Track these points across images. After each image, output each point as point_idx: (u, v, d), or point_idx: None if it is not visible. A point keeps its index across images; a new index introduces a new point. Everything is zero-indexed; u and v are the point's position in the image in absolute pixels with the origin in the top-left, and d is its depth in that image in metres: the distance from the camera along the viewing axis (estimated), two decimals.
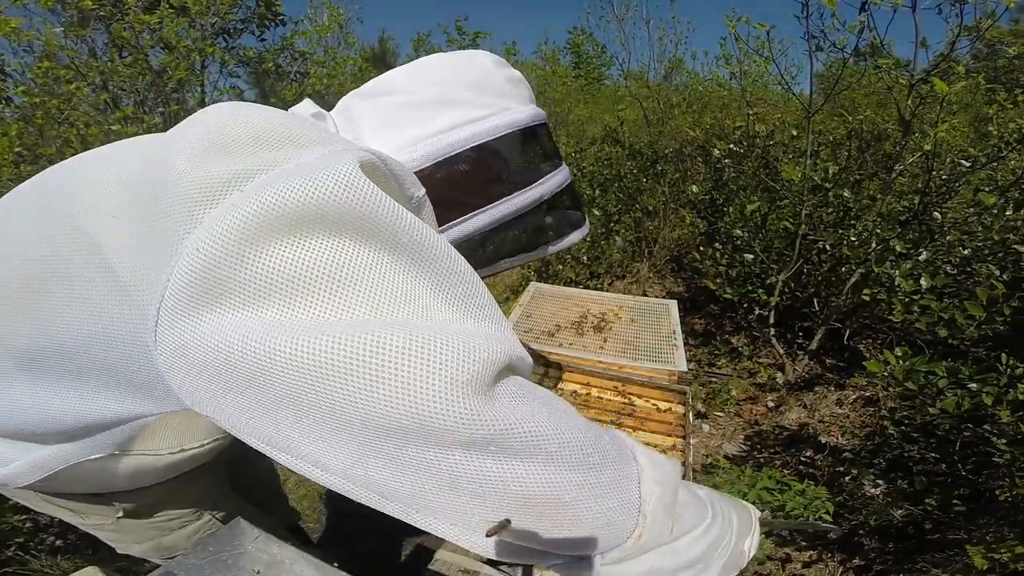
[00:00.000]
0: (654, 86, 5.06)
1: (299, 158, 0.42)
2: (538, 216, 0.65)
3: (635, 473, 0.46)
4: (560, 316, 1.79)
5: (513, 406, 0.40)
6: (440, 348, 0.37)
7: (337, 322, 0.38)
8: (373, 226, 0.39)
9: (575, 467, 0.41)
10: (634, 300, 1.94)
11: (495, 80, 0.63)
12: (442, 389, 0.36)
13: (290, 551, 0.96)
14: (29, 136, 2.16)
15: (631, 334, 1.70)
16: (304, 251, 0.37)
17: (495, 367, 0.40)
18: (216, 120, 0.44)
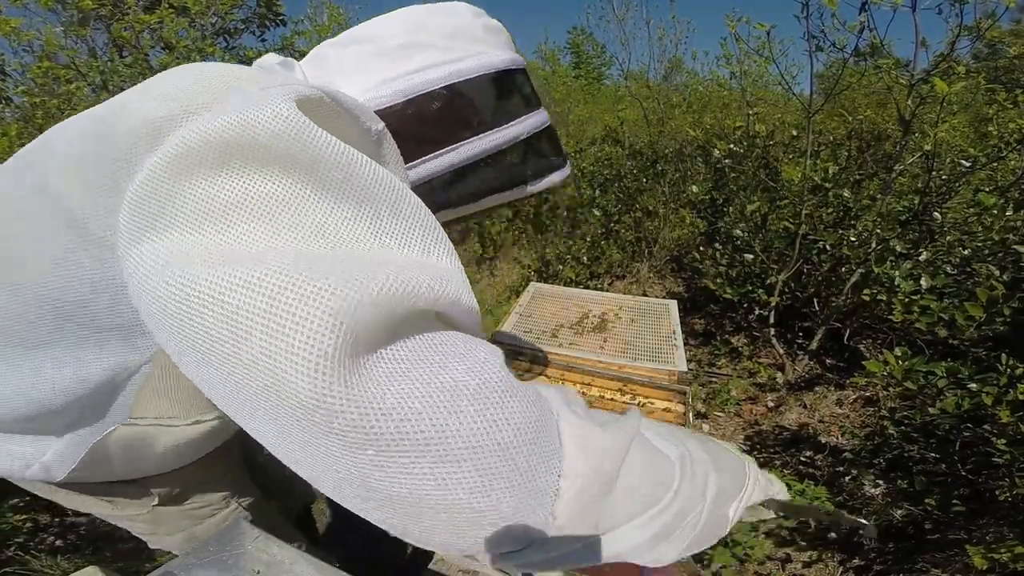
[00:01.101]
0: (654, 86, 5.06)
1: (239, 97, 0.42)
2: (513, 156, 0.65)
3: (554, 463, 0.38)
4: (560, 316, 1.79)
5: (390, 383, 0.33)
6: (317, 292, 0.32)
7: (225, 253, 0.35)
8: (296, 157, 0.38)
9: (453, 461, 0.34)
10: (634, 300, 1.94)
11: (473, 28, 0.63)
12: (299, 353, 0.31)
13: (290, 551, 0.96)
14: (29, 136, 2.16)
15: (631, 334, 1.70)
16: (224, 181, 0.37)
17: (397, 308, 0.35)
18: (172, 75, 0.47)
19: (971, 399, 1.41)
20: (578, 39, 11.79)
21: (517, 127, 0.64)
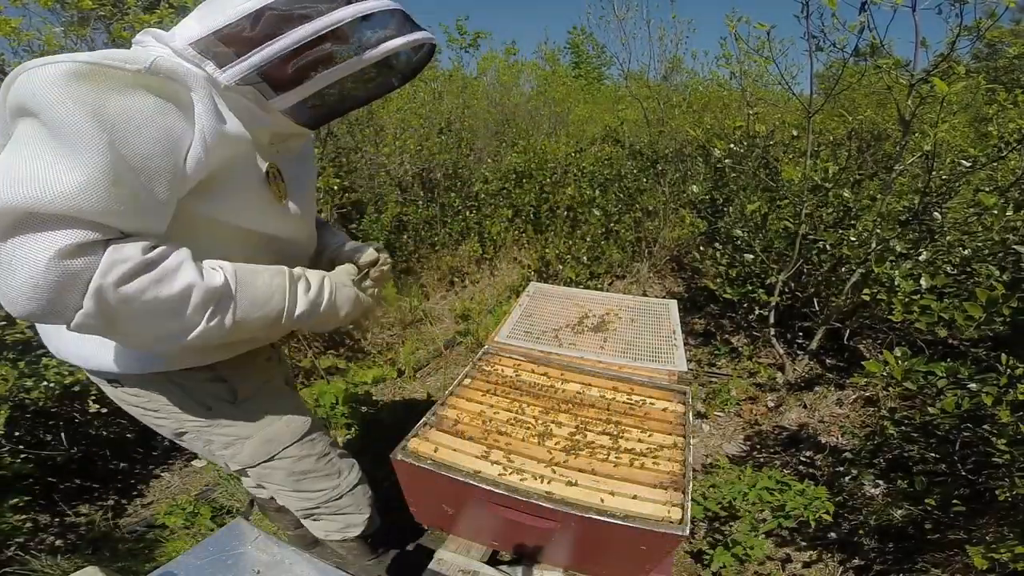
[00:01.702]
0: (654, 86, 5.06)
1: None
2: (337, 39, 0.82)
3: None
4: (560, 316, 1.79)
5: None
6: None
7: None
8: (39, 109, 0.62)
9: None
10: (634, 300, 1.94)
11: None
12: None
13: (290, 551, 0.96)
14: None
15: (631, 334, 1.70)
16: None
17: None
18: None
19: (971, 399, 1.40)
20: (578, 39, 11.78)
21: (327, 18, 0.78)
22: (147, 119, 0.69)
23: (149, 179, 0.70)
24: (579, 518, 0.97)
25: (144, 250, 0.68)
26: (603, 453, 1.12)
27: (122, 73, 0.67)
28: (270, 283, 0.84)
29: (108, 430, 2.19)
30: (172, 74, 0.72)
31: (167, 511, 1.95)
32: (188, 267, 0.72)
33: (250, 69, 0.78)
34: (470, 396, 1.31)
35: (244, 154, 0.84)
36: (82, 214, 0.62)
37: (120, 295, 0.66)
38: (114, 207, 0.65)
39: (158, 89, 0.71)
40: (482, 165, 4.46)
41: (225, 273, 0.78)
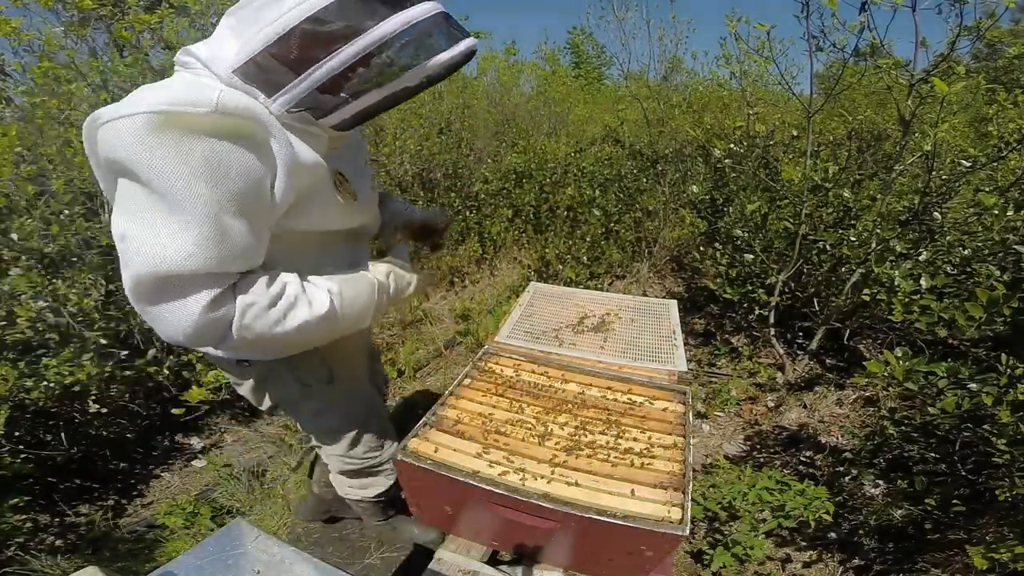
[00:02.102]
0: (654, 86, 5.06)
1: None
2: (387, 54, 0.76)
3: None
4: (560, 316, 1.79)
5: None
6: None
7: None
8: (132, 167, 0.70)
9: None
10: (634, 300, 1.94)
11: None
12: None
13: (290, 551, 0.96)
14: (29, 136, 2.16)
15: (631, 334, 1.69)
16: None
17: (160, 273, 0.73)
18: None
19: (971, 399, 1.40)
20: (578, 39, 11.78)
21: (375, 32, 0.74)
22: (230, 163, 0.74)
23: (245, 219, 0.78)
24: (579, 518, 0.97)
25: (267, 285, 0.83)
26: (603, 453, 1.12)
27: (195, 118, 0.70)
28: (358, 287, 0.99)
29: (108, 430, 2.19)
30: (239, 111, 0.74)
31: (167, 511, 1.95)
32: (303, 302, 0.87)
33: (297, 98, 0.78)
34: (470, 396, 1.31)
35: (320, 176, 0.89)
36: (203, 269, 0.73)
37: (253, 331, 0.82)
38: (226, 254, 0.76)
39: (232, 129, 0.74)
40: (482, 165, 4.46)
41: (328, 288, 0.92)
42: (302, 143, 0.84)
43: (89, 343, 1.96)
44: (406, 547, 1.85)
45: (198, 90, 0.73)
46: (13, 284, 1.82)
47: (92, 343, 1.97)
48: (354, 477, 1.43)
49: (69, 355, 1.88)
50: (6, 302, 1.84)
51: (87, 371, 1.90)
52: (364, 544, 1.89)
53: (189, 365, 2.27)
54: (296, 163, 0.82)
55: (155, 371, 2.19)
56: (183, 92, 0.71)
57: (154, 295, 0.74)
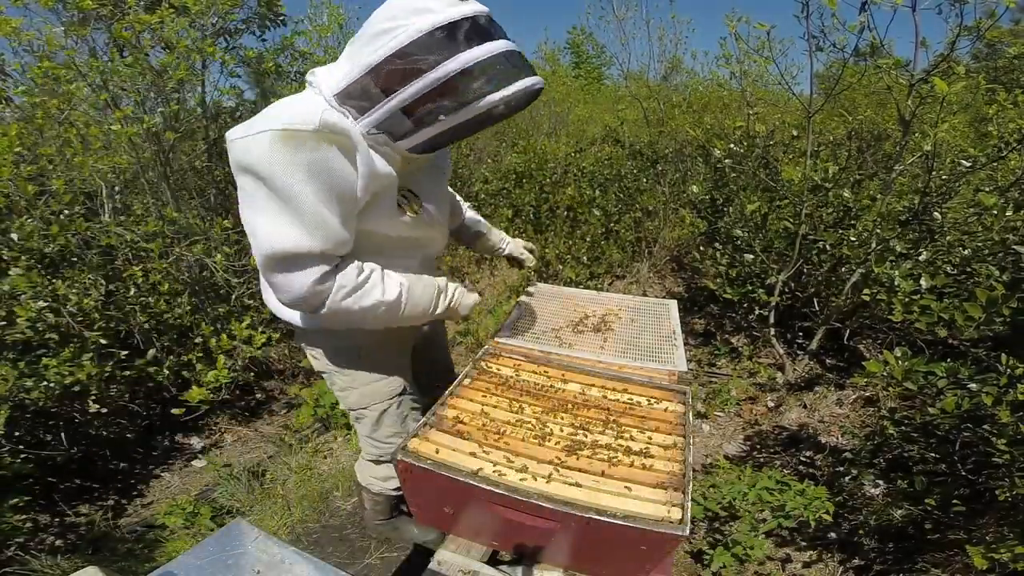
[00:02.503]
0: (654, 86, 5.06)
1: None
2: (461, 84, 0.89)
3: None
4: (560, 316, 1.79)
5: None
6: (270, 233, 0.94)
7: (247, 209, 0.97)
8: (257, 171, 0.90)
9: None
10: (634, 300, 1.94)
11: (429, 3, 0.88)
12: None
13: (290, 551, 0.96)
14: (29, 136, 2.16)
15: (631, 334, 1.69)
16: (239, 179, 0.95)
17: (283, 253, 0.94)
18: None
19: (971, 399, 1.40)
20: (578, 39, 11.78)
21: (446, 66, 0.87)
22: (331, 169, 0.92)
23: (340, 213, 0.96)
24: (579, 518, 0.97)
25: (358, 273, 1.04)
26: (603, 453, 1.12)
27: (305, 134, 0.89)
28: (424, 292, 1.18)
29: (108, 430, 2.20)
30: (337, 128, 0.92)
31: (167, 511, 1.95)
32: (376, 287, 1.07)
33: (377, 121, 0.95)
34: (470, 396, 1.31)
35: (388, 186, 1.05)
36: (310, 250, 0.94)
37: (339, 308, 1.03)
38: (327, 240, 0.95)
39: (333, 141, 0.92)
40: (482, 165, 4.47)
41: (400, 282, 1.11)
42: (379, 157, 1.00)
43: (89, 343, 1.96)
44: (406, 547, 1.85)
45: (307, 110, 0.90)
46: (13, 284, 1.82)
47: (92, 343, 1.97)
48: (379, 464, 1.52)
49: (69, 355, 1.88)
50: (6, 302, 1.84)
51: (87, 371, 1.90)
52: (364, 544, 1.89)
53: (189, 365, 2.27)
54: (373, 173, 0.99)
55: (155, 371, 2.19)
56: (297, 113, 0.90)
57: (277, 268, 0.96)
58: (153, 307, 2.25)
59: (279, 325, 2.70)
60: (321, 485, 2.14)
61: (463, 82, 0.89)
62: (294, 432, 2.47)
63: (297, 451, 2.34)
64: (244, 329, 2.22)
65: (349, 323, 1.10)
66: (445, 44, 0.87)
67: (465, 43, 0.87)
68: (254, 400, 2.79)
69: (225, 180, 2.95)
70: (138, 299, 2.19)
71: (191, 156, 3.01)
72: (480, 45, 0.88)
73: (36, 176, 2.08)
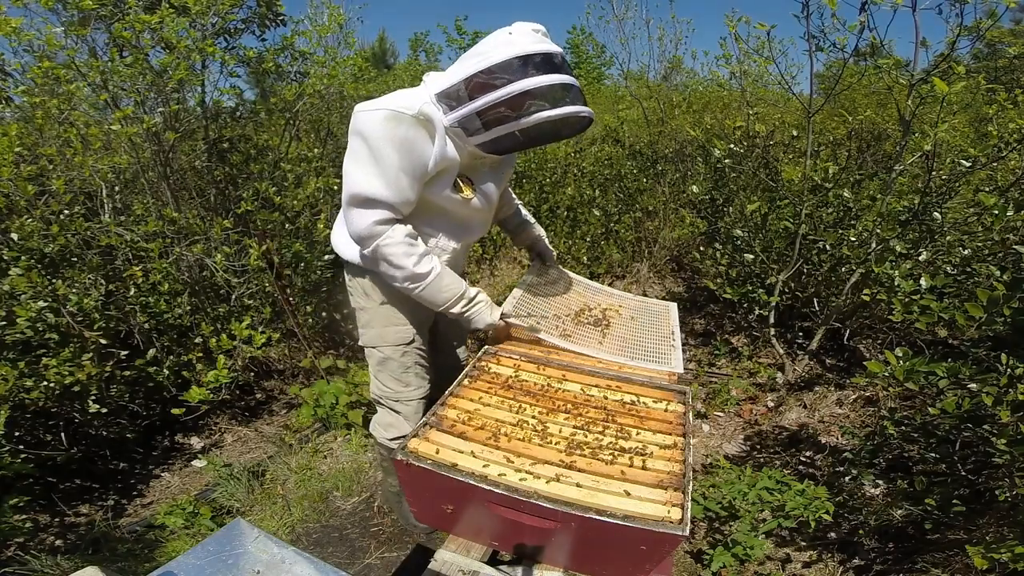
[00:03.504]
0: (654, 86, 5.06)
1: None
2: (523, 100, 1.17)
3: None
4: (562, 302, 1.79)
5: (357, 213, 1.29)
6: (364, 181, 1.25)
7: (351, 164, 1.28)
8: (366, 136, 1.22)
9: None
10: (635, 299, 1.94)
11: (519, 35, 1.19)
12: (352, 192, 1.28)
13: (290, 551, 0.96)
14: (29, 136, 2.16)
15: (630, 332, 1.69)
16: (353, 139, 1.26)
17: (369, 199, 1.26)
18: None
19: (971, 399, 1.40)
20: (577, 39, 11.78)
21: (516, 84, 1.15)
22: (415, 146, 1.22)
23: (412, 179, 1.25)
24: (579, 518, 0.97)
25: (405, 235, 1.30)
26: (603, 453, 1.12)
27: (406, 116, 1.19)
28: (450, 287, 1.38)
29: (108, 430, 2.19)
30: (428, 118, 1.22)
31: (167, 511, 1.95)
32: (413, 255, 1.31)
33: (456, 119, 1.22)
34: (470, 396, 1.31)
35: (451, 168, 1.32)
36: (383, 198, 1.23)
37: (382, 252, 1.29)
38: (397, 195, 1.24)
39: (424, 126, 1.22)
40: None
41: (433, 266, 1.35)
42: (451, 146, 1.27)
43: (89, 343, 1.96)
44: (406, 547, 1.85)
45: (414, 101, 1.21)
46: (13, 284, 1.82)
47: (92, 343, 1.97)
48: (380, 407, 1.69)
49: (69, 355, 1.88)
50: (6, 302, 1.84)
51: (87, 371, 1.90)
52: (364, 544, 1.89)
53: (189, 365, 2.27)
54: (443, 155, 1.26)
55: (155, 371, 2.19)
56: (406, 100, 1.21)
57: (356, 204, 1.26)
58: (153, 307, 2.25)
59: (279, 325, 2.70)
60: (321, 485, 2.14)
61: (523, 100, 1.16)
62: (294, 432, 2.46)
63: (297, 451, 2.34)
64: (244, 329, 2.22)
65: (383, 271, 1.34)
66: (518, 70, 1.15)
67: (533, 71, 1.15)
68: (254, 400, 2.79)
69: (225, 180, 2.94)
70: (138, 299, 2.19)
71: (191, 156, 3.01)
72: (544, 75, 1.15)
73: (36, 176, 2.08)
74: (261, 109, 3.05)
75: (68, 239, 2.03)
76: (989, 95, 2.82)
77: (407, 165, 1.22)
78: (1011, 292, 1.37)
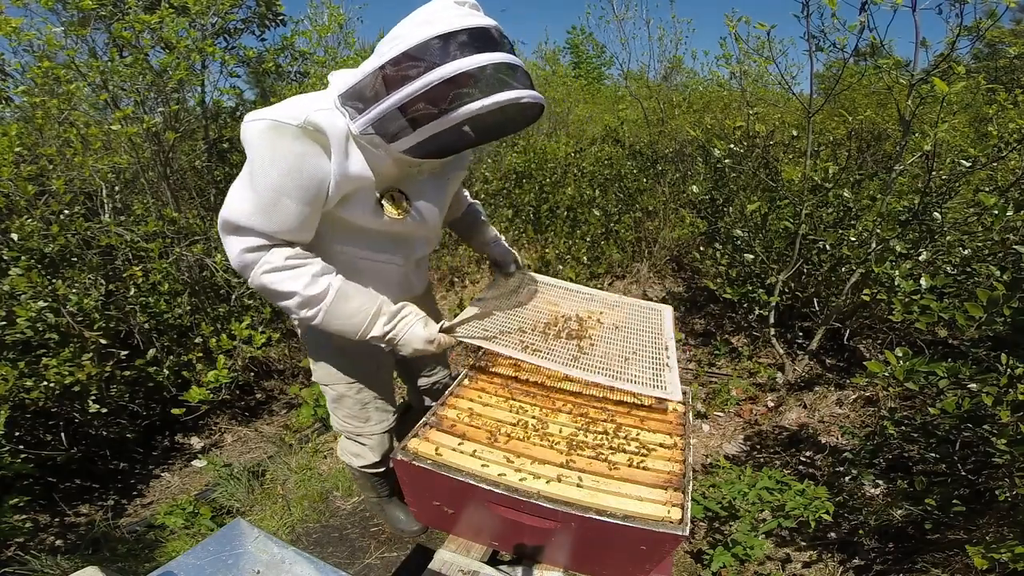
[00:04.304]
0: (654, 86, 5.06)
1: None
2: (447, 91, 0.90)
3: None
4: (532, 311, 1.49)
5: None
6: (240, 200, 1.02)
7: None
8: (247, 151, 1.00)
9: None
10: (621, 301, 1.66)
11: (439, 9, 0.93)
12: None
13: (290, 551, 0.96)
14: (29, 136, 2.16)
15: (613, 346, 1.40)
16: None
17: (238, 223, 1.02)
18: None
19: (971, 399, 1.40)
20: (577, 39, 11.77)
21: (434, 72, 0.89)
22: (303, 163, 0.98)
23: (300, 204, 1.02)
24: (579, 518, 0.97)
25: (285, 258, 1.05)
26: (603, 453, 1.12)
27: (290, 127, 0.96)
28: (360, 307, 1.12)
29: (108, 430, 2.19)
30: (318, 128, 0.97)
31: (167, 511, 1.95)
32: (302, 276, 1.06)
33: (368, 123, 0.97)
34: (470, 396, 1.31)
35: (365, 186, 1.08)
36: (253, 225, 1.01)
37: (261, 282, 1.06)
38: (273, 223, 1.02)
39: (312, 137, 0.98)
40: (482, 165, 4.46)
41: (329, 284, 1.09)
42: (360, 159, 1.03)
43: (89, 343, 1.96)
44: (406, 547, 1.85)
45: (305, 108, 0.97)
46: (13, 284, 1.82)
47: (92, 343, 1.97)
48: (346, 440, 1.57)
49: (69, 355, 1.88)
50: (6, 302, 1.84)
51: (87, 371, 1.90)
52: (364, 544, 1.89)
53: (189, 365, 2.27)
54: (345, 173, 1.02)
55: (155, 371, 2.19)
56: (295, 108, 0.97)
57: (224, 230, 1.05)
58: (153, 307, 2.25)
59: (279, 325, 2.70)
60: (321, 485, 2.14)
61: (447, 90, 0.90)
62: (294, 432, 2.46)
63: (297, 451, 2.34)
64: (244, 329, 2.22)
65: (277, 305, 1.16)
66: (438, 53, 0.89)
67: (457, 53, 0.89)
68: (254, 400, 2.79)
69: (225, 180, 2.94)
70: (138, 299, 2.19)
71: (191, 156, 3.01)
72: (473, 55, 0.89)
73: (36, 176, 2.08)
74: None
75: (68, 239, 2.03)
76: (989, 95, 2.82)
77: (291, 187, 0.99)
78: (1011, 292, 1.37)
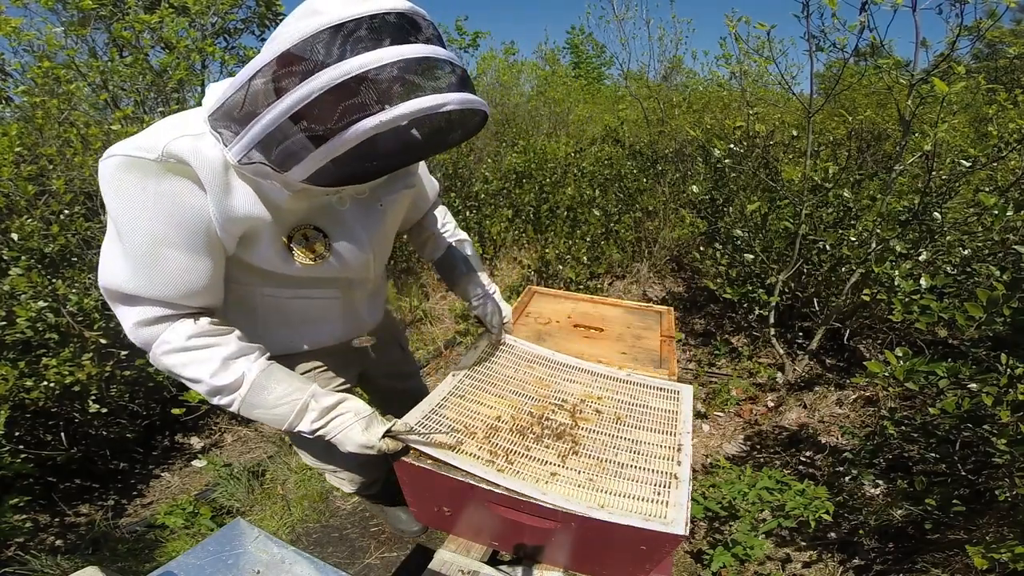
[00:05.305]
0: (654, 86, 5.06)
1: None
2: (334, 101, 0.65)
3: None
4: (509, 402, 1.24)
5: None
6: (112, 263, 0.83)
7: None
8: (105, 199, 0.78)
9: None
10: (629, 379, 1.37)
11: (321, 4, 0.67)
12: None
13: (290, 551, 0.96)
14: (29, 136, 2.16)
15: (611, 444, 1.14)
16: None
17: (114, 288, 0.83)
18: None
19: (971, 399, 1.40)
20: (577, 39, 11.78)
21: (318, 79, 0.64)
22: (180, 205, 0.78)
23: (188, 253, 0.82)
24: (579, 518, 0.97)
25: (187, 336, 0.87)
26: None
27: (146, 163, 0.75)
28: (283, 397, 0.95)
29: (108, 430, 2.19)
30: (181, 158, 0.75)
31: (167, 511, 1.95)
32: (208, 361, 0.88)
33: (244, 150, 0.72)
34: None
35: (259, 227, 0.87)
36: (138, 291, 0.82)
37: (163, 364, 0.89)
38: (160, 282, 0.81)
39: (177, 171, 0.77)
40: (482, 165, 4.46)
41: (244, 376, 0.92)
42: (247, 193, 0.81)
43: (89, 343, 1.96)
44: (406, 547, 1.85)
45: (162, 135, 0.76)
46: (13, 284, 1.82)
47: (92, 343, 1.97)
48: (326, 473, 1.53)
49: (69, 355, 1.88)
50: (6, 302, 1.84)
51: (87, 371, 1.90)
52: (364, 544, 1.89)
53: None
54: (227, 216, 0.81)
55: (155, 371, 2.19)
56: (149, 138, 0.76)
57: (112, 300, 0.86)
58: None
59: None
60: (321, 485, 2.14)
61: (333, 101, 0.65)
62: None
63: (297, 451, 2.34)
64: None
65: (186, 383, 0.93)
66: (324, 53, 0.64)
67: (350, 51, 0.64)
68: None
69: None
70: None
71: None
72: (366, 53, 0.64)
73: (36, 176, 2.08)
74: None
75: (68, 239, 2.03)
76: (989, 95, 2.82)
77: (169, 233, 0.78)
78: (1011, 292, 1.37)
